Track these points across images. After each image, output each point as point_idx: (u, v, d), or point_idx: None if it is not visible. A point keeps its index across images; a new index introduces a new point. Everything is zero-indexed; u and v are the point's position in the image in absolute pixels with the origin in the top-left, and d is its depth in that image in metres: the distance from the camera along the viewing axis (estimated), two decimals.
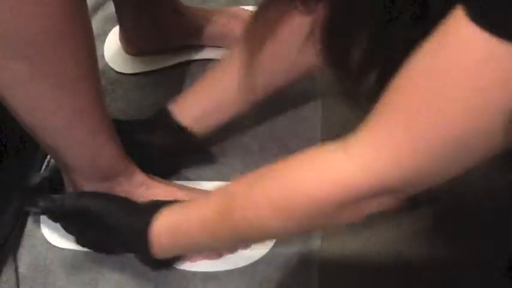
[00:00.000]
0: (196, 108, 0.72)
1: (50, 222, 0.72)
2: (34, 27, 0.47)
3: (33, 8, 0.46)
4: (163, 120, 0.72)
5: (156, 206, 0.62)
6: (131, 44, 0.91)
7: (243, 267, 0.69)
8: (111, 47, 0.94)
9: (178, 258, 0.68)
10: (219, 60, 0.73)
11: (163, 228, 0.60)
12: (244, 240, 0.64)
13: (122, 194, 0.66)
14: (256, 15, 0.66)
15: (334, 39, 0.60)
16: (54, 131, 0.57)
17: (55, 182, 0.70)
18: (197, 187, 0.74)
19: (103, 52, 0.93)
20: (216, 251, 0.69)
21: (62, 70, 0.52)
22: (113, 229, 0.63)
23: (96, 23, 0.96)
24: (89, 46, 0.55)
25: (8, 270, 0.69)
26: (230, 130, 0.83)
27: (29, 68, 0.49)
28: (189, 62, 0.92)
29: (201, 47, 0.92)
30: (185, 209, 0.60)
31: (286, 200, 0.50)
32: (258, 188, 0.53)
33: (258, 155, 0.80)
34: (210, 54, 0.92)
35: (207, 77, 0.72)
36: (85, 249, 0.69)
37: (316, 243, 0.70)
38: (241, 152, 0.81)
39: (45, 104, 0.53)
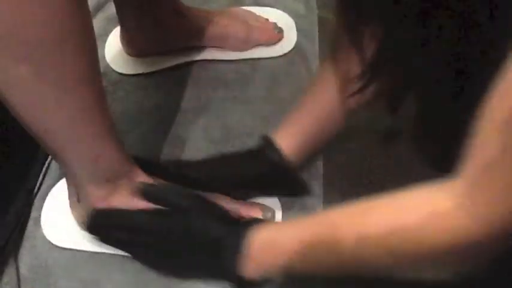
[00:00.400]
0: (298, 136, 0.71)
1: (51, 222, 0.73)
2: (35, 28, 0.47)
3: (34, 9, 0.46)
4: (265, 150, 0.71)
5: (248, 223, 0.61)
6: (132, 45, 0.91)
7: None
8: (112, 48, 0.94)
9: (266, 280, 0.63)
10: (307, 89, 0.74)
11: (261, 245, 0.59)
12: (341, 270, 0.58)
13: (124, 196, 0.66)
14: (336, 37, 0.66)
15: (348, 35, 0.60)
16: (55, 132, 0.57)
17: None
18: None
19: (104, 53, 0.93)
20: None
21: (63, 71, 0.51)
22: (192, 237, 0.62)
23: (97, 23, 0.96)
24: (91, 47, 0.55)
25: (9, 271, 0.68)
26: (230, 132, 0.83)
27: (30, 69, 0.49)
28: (191, 63, 0.92)
29: (202, 48, 0.92)
30: (283, 230, 0.59)
31: (392, 245, 0.49)
32: (362, 225, 0.51)
33: None
34: (212, 55, 0.92)
35: (301, 106, 0.72)
36: (88, 249, 0.70)
37: None
38: None
39: (46, 105, 0.53)
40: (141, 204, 0.66)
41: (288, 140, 0.70)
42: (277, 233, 0.59)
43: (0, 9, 0.45)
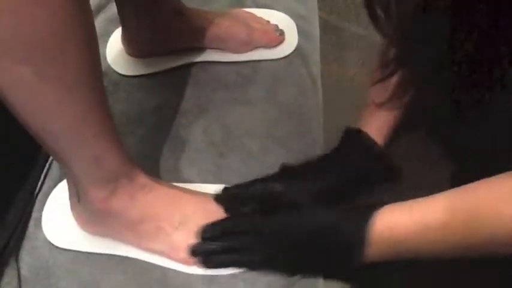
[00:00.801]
0: (383, 130, 0.73)
1: (52, 223, 0.73)
2: (36, 28, 0.47)
3: (34, 9, 0.46)
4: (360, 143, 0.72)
5: (367, 207, 0.60)
6: (133, 46, 0.91)
7: (245, 271, 0.69)
8: (114, 48, 0.94)
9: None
10: None
11: (387, 227, 0.58)
12: (472, 249, 0.57)
13: (125, 196, 0.66)
14: None
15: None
16: (57, 133, 0.57)
17: None
18: (198, 189, 0.74)
19: (105, 54, 0.93)
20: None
21: (65, 71, 0.51)
22: (308, 230, 0.62)
23: (98, 24, 0.97)
24: (93, 48, 0.55)
25: (10, 272, 0.68)
26: (230, 133, 0.83)
27: (31, 69, 0.49)
28: (191, 65, 0.92)
29: (203, 49, 0.92)
30: (411, 211, 0.58)
31: None
32: (501, 201, 0.52)
33: (258, 156, 0.80)
34: (213, 57, 0.92)
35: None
36: (88, 250, 0.70)
37: None
38: (241, 154, 0.81)
39: (48, 106, 0.53)
40: (142, 205, 0.67)
41: (375, 133, 0.72)
42: (401, 217, 0.58)
43: (0, 9, 0.45)
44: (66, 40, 0.50)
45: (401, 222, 0.57)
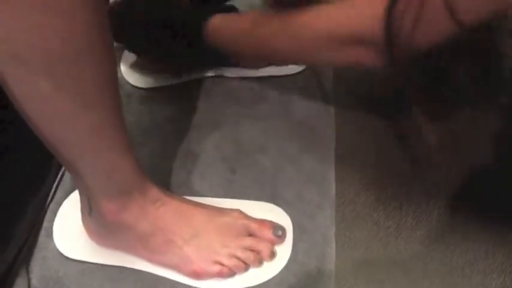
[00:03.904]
0: None
1: (63, 234, 0.73)
2: (56, 42, 0.47)
3: (54, 23, 0.46)
4: None
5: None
6: (147, 59, 0.91)
7: (254, 286, 0.69)
8: (127, 60, 0.94)
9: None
10: None
11: (220, 21, 0.78)
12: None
13: (136, 209, 0.66)
14: None
15: None
16: (72, 144, 0.57)
17: None
18: (209, 203, 0.74)
19: (119, 65, 0.94)
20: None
21: (83, 85, 0.52)
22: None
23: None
24: (110, 61, 0.55)
25: (21, 282, 0.69)
26: (242, 148, 0.83)
27: (50, 82, 0.49)
28: (205, 78, 0.93)
29: None
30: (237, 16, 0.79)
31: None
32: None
33: (270, 172, 0.80)
34: (226, 71, 0.93)
35: None
36: (99, 262, 0.70)
37: (330, 263, 0.70)
38: (253, 169, 0.81)
39: (65, 117, 0.53)
40: (153, 218, 0.67)
41: None
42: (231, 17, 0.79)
43: (21, 23, 0.45)
44: (84, 53, 0.50)
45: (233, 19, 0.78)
